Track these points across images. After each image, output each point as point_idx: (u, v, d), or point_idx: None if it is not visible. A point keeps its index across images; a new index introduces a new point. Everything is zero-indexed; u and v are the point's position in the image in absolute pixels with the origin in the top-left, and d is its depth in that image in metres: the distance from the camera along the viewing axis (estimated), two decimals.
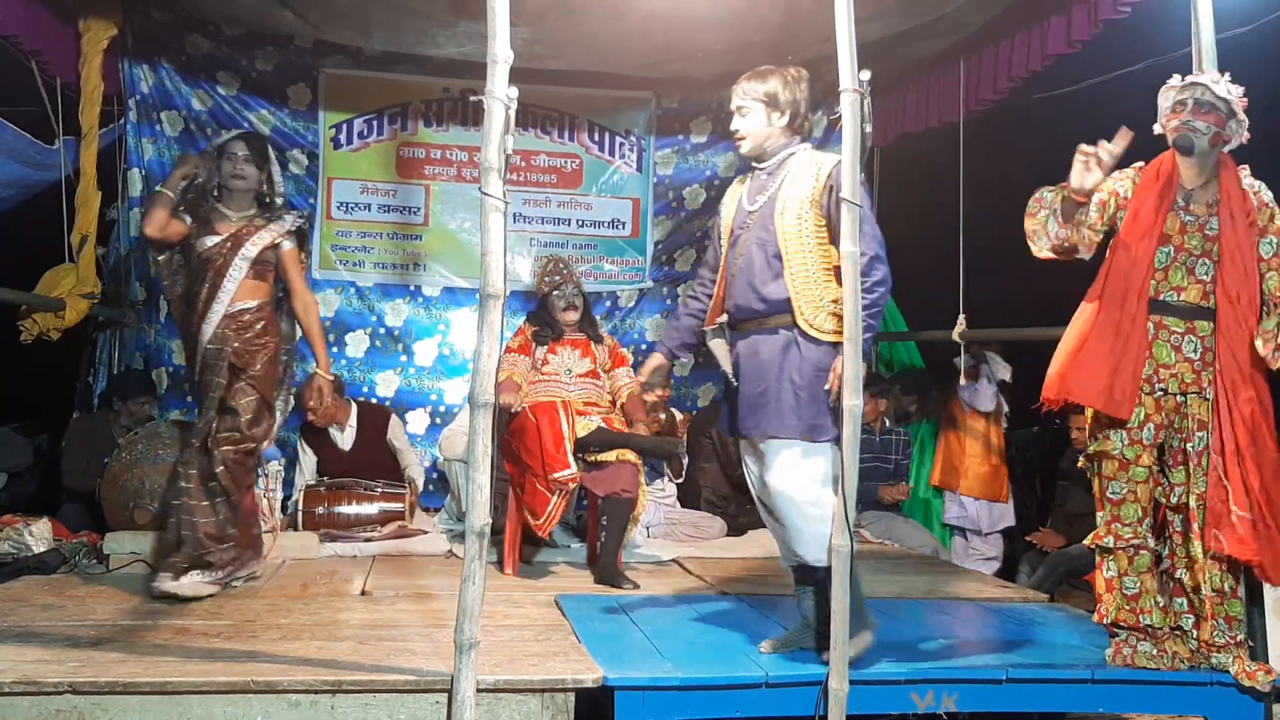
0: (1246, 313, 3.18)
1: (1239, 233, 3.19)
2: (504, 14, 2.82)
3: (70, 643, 3.22)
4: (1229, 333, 3.19)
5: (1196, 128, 3.17)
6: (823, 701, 2.99)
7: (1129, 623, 3.28)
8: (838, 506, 2.99)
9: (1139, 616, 3.26)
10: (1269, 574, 3.19)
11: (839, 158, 3.03)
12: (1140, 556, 3.26)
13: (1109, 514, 3.27)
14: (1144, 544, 3.25)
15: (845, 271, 2.97)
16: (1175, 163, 3.25)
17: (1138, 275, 3.20)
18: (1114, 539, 3.26)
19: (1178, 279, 3.22)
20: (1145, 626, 3.26)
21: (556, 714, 2.97)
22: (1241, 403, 3.16)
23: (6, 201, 5.41)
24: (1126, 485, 3.24)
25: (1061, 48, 4.93)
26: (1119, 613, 3.29)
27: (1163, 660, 3.25)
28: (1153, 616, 3.26)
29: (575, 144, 6.47)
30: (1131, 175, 3.31)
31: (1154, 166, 3.30)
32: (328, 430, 5.58)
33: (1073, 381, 3.22)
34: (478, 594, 2.80)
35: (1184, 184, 3.26)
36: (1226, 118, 3.18)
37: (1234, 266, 3.18)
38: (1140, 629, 3.27)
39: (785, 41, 5.50)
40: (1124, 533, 3.25)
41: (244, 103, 6.05)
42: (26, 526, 4.52)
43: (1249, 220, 3.20)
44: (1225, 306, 3.19)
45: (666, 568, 4.93)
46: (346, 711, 2.90)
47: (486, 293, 2.85)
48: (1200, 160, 3.22)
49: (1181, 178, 3.26)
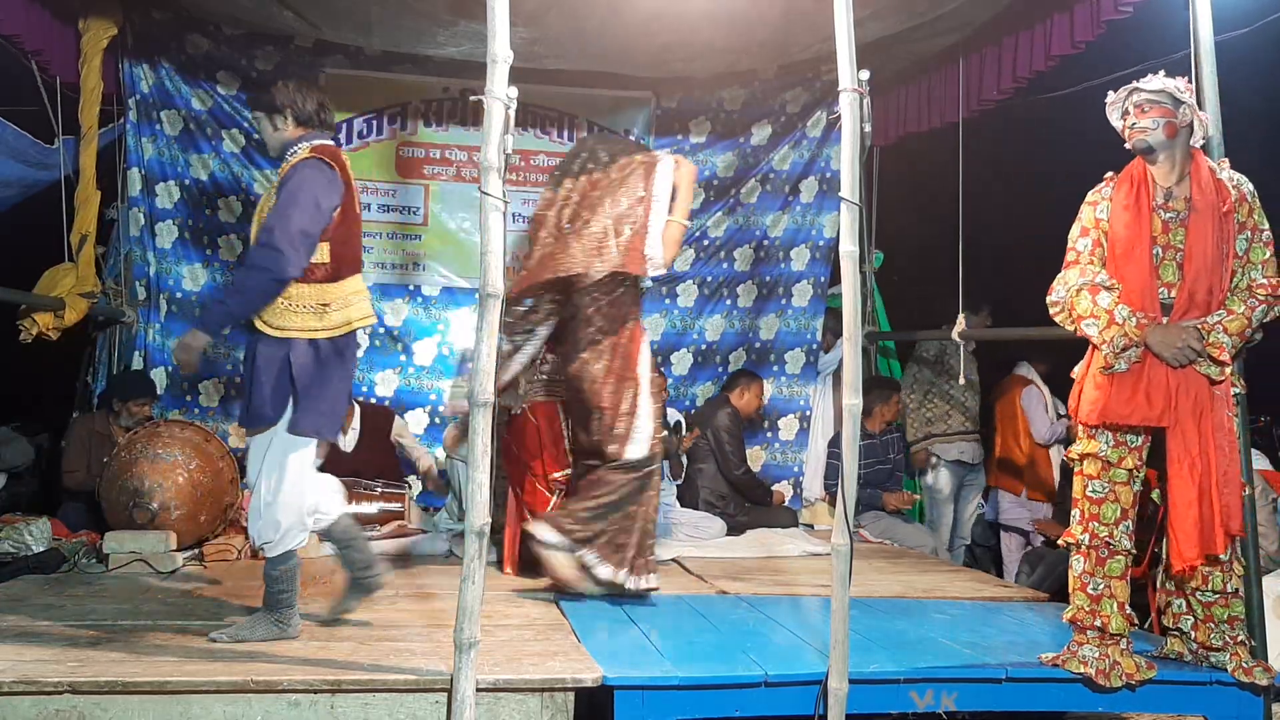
0: (1206, 305, 3.18)
1: (1205, 225, 3.19)
2: (504, 14, 2.82)
3: (70, 642, 3.22)
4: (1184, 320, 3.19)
5: (1145, 127, 3.22)
6: (822, 701, 2.99)
7: (1085, 623, 3.27)
8: (838, 506, 2.98)
9: (1095, 618, 3.25)
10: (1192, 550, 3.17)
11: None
12: (1113, 560, 3.24)
13: (1087, 512, 3.27)
14: (1118, 547, 3.24)
15: (845, 271, 2.98)
16: (1145, 167, 3.28)
17: (1145, 286, 3.20)
18: (1089, 536, 3.25)
19: (1168, 276, 3.23)
20: (1098, 628, 3.25)
21: (556, 713, 2.98)
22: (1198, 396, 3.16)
23: (6, 201, 5.41)
24: (1108, 485, 3.24)
25: (1065, 48, 4.92)
26: (1077, 611, 3.29)
27: (1101, 664, 3.21)
28: (1111, 623, 3.23)
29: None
30: (1106, 194, 3.33)
31: (1125, 175, 3.33)
32: None
33: (1112, 405, 3.20)
34: (477, 593, 2.81)
35: (1159, 183, 3.27)
36: (1173, 107, 3.22)
37: (1198, 260, 3.19)
38: (1094, 629, 3.26)
39: (785, 41, 5.51)
40: (1100, 531, 3.24)
41: (244, 102, 6.04)
42: (26, 526, 4.52)
43: (1224, 210, 3.20)
44: (1183, 299, 3.19)
45: (666, 567, 4.93)
46: (346, 711, 2.91)
47: (486, 292, 2.85)
48: (1166, 155, 3.25)
49: (1155, 177, 3.27)
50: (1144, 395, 3.18)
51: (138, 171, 5.97)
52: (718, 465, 5.87)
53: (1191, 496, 3.15)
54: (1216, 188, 3.22)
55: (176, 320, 6.03)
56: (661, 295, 6.54)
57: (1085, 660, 3.24)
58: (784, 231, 6.55)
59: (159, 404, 5.79)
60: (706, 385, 6.50)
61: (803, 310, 6.55)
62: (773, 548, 5.34)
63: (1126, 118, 3.28)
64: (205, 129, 6.01)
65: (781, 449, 6.55)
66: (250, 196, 6.07)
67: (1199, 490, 3.14)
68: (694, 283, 6.55)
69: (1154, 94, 3.22)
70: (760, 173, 6.53)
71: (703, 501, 5.82)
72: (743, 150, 6.53)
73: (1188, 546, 3.15)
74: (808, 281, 6.54)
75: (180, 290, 6.05)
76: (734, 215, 6.55)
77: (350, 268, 3.48)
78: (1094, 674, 3.20)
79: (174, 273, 6.05)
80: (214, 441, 5.07)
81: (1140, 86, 3.25)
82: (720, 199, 6.54)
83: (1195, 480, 3.15)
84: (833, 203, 6.43)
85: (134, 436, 4.85)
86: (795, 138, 6.53)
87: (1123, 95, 3.30)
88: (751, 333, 6.55)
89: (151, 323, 6.01)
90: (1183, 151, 3.26)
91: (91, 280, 5.51)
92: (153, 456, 4.69)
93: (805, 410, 6.56)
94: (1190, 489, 3.15)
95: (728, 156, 6.53)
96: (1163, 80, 3.24)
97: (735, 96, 6.49)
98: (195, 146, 6.02)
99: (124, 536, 4.52)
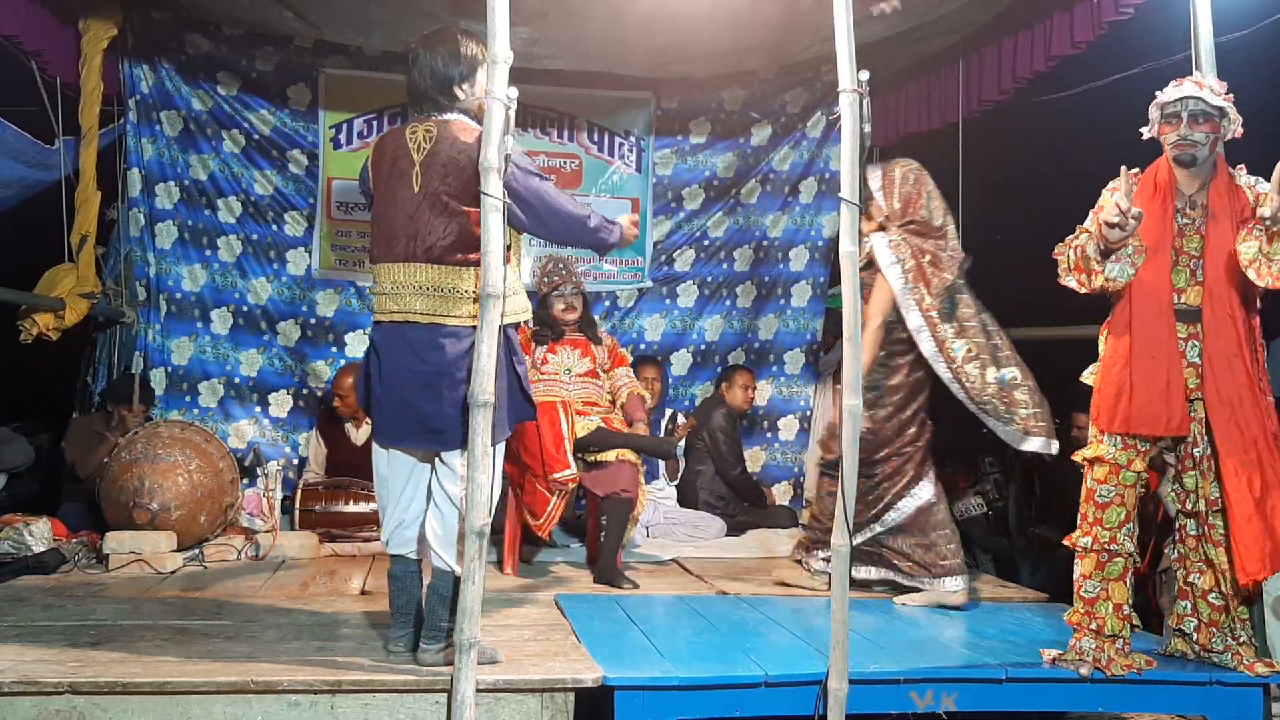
0: (1233, 311, 3.16)
1: (1223, 231, 3.17)
2: (504, 14, 2.83)
3: (70, 642, 3.22)
4: (1214, 332, 3.18)
5: (1196, 140, 3.16)
6: (822, 701, 2.99)
7: (1083, 624, 3.27)
8: (838, 506, 2.98)
9: (1092, 620, 3.25)
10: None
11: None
12: (1113, 563, 3.23)
13: (1092, 515, 3.26)
14: (1121, 550, 3.23)
15: (844, 271, 2.98)
16: (1172, 172, 3.24)
17: (1164, 292, 3.19)
18: (1091, 540, 3.25)
19: (1180, 282, 3.22)
20: (1093, 630, 3.25)
21: (556, 714, 2.98)
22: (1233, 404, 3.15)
23: (6, 201, 5.41)
24: (1115, 489, 3.23)
25: (1065, 49, 4.92)
26: (1074, 614, 3.30)
27: (1099, 656, 3.22)
28: (1107, 624, 3.23)
29: (575, 144, 6.47)
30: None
31: (1150, 177, 3.27)
32: (344, 424, 5.61)
33: (1134, 413, 3.17)
34: (477, 594, 2.81)
35: (1184, 190, 3.25)
36: (1220, 121, 3.18)
37: (1217, 266, 3.18)
38: (1090, 631, 3.26)
39: (785, 42, 5.51)
40: (1103, 535, 3.23)
41: (244, 103, 6.05)
42: (26, 526, 4.52)
43: (1242, 216, 3.17)
44: (1208, 309, 3.18)
45: (666, 567, 4.94)
46: (346, 711, 2.91)
47: (486, 293, 2.85)
48: (1200, 168, 3.22)
49: (1180, 184, 3.25)
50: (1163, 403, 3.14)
51: (138, 172, 5.96)
52: (715, 466, 5.87)
53: (1250, 509, 3.11)
54: (1235, 194, 3.20)
55: (176, 320, 6.03)
56: (661, 295, 6.54)
57: (1083, 652, 3.24)
58: (783, 232, 6.55)
59: (159, 404, 5.80)
60: (706, 385, 6.50)
61: (802, 310, 6.56)
62: (773, 548, 5.34)
63: (1174, 121, 3.16)
64: (205, 129, 6.01)
65: (781, 449, 6.55)
66: (250, 197, 6.08)
67: (1258, 496, 3.11)
68: (694, 283, 6.55)
69: (1211, 109, 3.14)
70: (760, 173, 6.53)
71: (702, 502, 5.82)
72: (743, 151, 6.54)
73: (1251, 560, 3.13)
74: (806, 282, 6.55)
75: (180, 291, 6.04)
76: (734, 216, 6.56)
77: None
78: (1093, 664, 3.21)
79: (173, 273, 6.05)
80: (214, 442, 5.08)
81: (1201, 96, 3.14)
82: (720, 199, 6.54)
83: (1250, 484, 3.10)
84: (832, 203, 6.43)
85: (134, 437, 4.85)
86: (795, 138, 6.53)
87: (1179, 99, 3.16)
88: (751, 333, 6.55)
89: (151, 323, 6.01)
90: (1213, 160, 3.24)
91: (91, 281, 5.51)
92: (153, 457, 4.69)
93: (805, 410, 6.56)
94: (1247, 497, 3.11)
95: (728, 157, 6.53)
96: (1222, 96, 3.16)
97: (735, 97, 6.49)
98: (195, 147, 6.02)
99: (124, 537, 4.52)
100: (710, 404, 6.07)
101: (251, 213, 6.10)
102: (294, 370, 6.15)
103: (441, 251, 3.04)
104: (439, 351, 3.03)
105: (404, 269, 3.08)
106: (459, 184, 3.01)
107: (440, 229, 3.04)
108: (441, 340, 3.04)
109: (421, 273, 3.06)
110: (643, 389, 4.99)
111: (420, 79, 3.11)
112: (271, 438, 6.10)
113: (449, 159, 3.03)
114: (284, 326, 6.14)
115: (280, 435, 6.12)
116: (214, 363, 6.06)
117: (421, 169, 3.05)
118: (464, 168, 3.00)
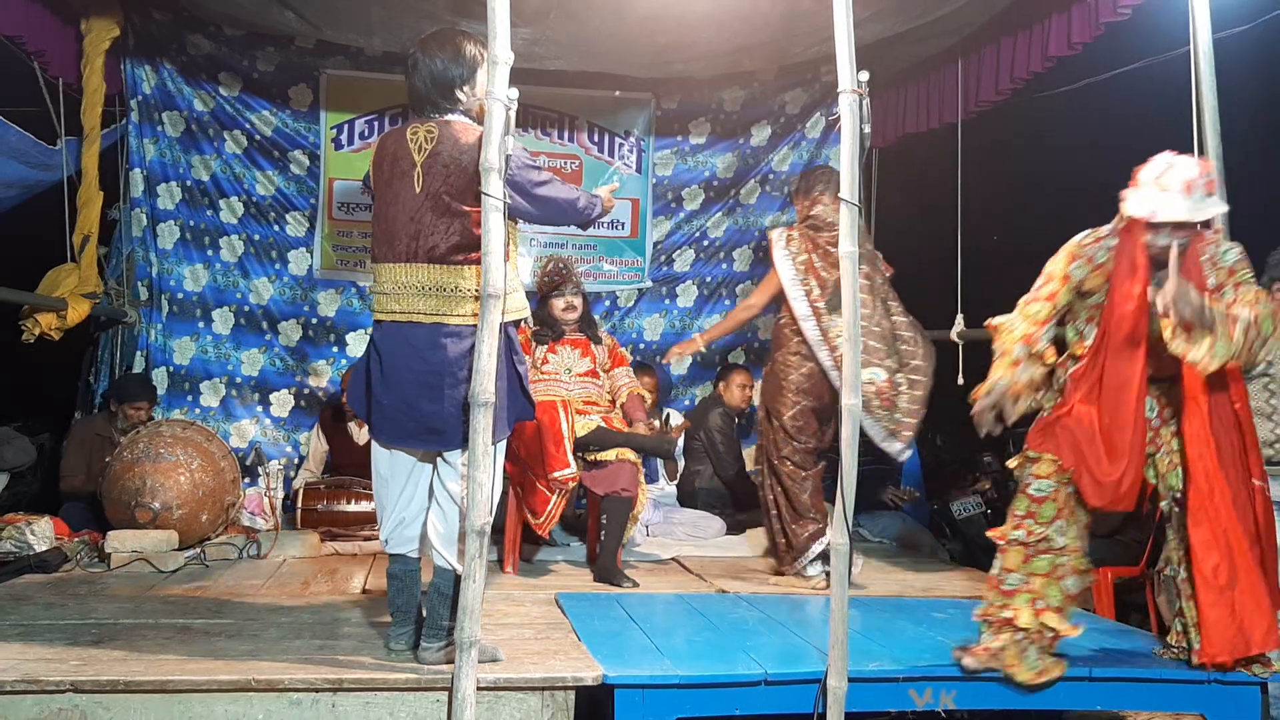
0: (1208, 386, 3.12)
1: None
2: (504, 14, 2.83)
3: (72, 641, 3.23)
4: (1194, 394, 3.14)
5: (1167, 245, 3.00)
6: (821, 699, 3.00)
7: (995, 617, 3.20)
8: (837, 506, 3.00)
9: (1003, 610, 3.18)
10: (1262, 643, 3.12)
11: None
12: (1038, 559, 3.17)
13: (1025, 509, 3.21)
14: (1051, 545, 3.16)
15: (844, 271, 2.99)
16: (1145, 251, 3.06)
17: (1134, 375, 3.11)
18: (1025, 533, 3.18)
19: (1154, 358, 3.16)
20: (1006, 620, 3.17)
21: (556, 712, 2.98)
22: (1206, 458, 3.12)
23: (9, 202, 5.42)
24: (1054, 485, 3.18)
25: (1063, 49, 4.93)
26: (988, 608, 3.22)
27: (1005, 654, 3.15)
28: (1020, 616, 3.14)
29: (575, 145, 6.48)
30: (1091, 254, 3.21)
31: (1129, 258, 3.10)
32: (346, 423, 5.62)
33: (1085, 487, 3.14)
34: (478, 592, 2.82)
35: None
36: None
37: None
38: (1004, 623, 3.18)
39: (785, 42, 5.52)
40: (1035, 529, 3.18)
41: (246, 104, 6.06)
42: (28, 525, 4.53)
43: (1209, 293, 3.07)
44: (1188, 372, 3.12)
45: (666, 566, 4.95)
46: (348, 710, 2.91)
47: (487, 293, 2.86)
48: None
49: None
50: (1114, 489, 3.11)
51: (139, 172, 5.98)
52: (713, 466, 5.87)
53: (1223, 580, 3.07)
54: (1200, 273, 3.11)
55: (178, 320, 6.05)
56: (661, 295, 6.55)
57: (989, 649, 3.17)
58: None
59: (160, 404, 5.81)
60: (706, 385, 6.51)
61: None
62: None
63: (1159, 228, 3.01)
64: (207, 130, 6.03)
65: None
66: (252, 197, 6.10)
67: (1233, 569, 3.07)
68: (694, 283, 6.56)
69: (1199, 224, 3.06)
70: (760, 174, 6.55)
71: (701, 502, 5.83)
72: (742, 151, 6.55)
73: (1216, 644, 3.11)
74: None
75: (181, 291, 6.07)
76: (733, 216, 6.57)
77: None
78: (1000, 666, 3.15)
79: (175, 273, 6.07)
80: (216, 441, 5.08)
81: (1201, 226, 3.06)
82: (720, 200, 6.55)
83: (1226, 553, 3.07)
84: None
85: (136, 436, 4.86)
86: (795, 139, 6.54)
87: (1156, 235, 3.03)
88: (750, 332, 6.56)
89: (153, 323, 6.03)
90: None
91: (94, 281, 5.53)
92: (155, 456, 4.70)
93: None
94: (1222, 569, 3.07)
95: (727, 157, 6.55)
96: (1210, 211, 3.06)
97: (735, 97, 6.50)
98: (197, 147, 6.04)
99: (126, 536, 4.53)
100: (707, 403, 6.08)
101: (253, 213, 6.12)
102: (295, 370, 6.17)
103: (444, 252, 3.05)
104: (440, 351, 3.04)
105: (406, 269, 3.09)
106: (461, 185, 3.02)
107: (443, 229, 3.05)
108: (443, 339, 3.05)
109: (424, 273, 3.07)
110: (643, 389, 5.00)
111: (420, 83, 3.12)
112: (273, 437, 6.12)
113: (451, 160, 3.04)
114: (285, 326, 6.16)
115: (282, 435, 6.14)
116: (216, 362, 6.08)
117: (423, 170, 3.06)
118: (465, 168, 3.01)
